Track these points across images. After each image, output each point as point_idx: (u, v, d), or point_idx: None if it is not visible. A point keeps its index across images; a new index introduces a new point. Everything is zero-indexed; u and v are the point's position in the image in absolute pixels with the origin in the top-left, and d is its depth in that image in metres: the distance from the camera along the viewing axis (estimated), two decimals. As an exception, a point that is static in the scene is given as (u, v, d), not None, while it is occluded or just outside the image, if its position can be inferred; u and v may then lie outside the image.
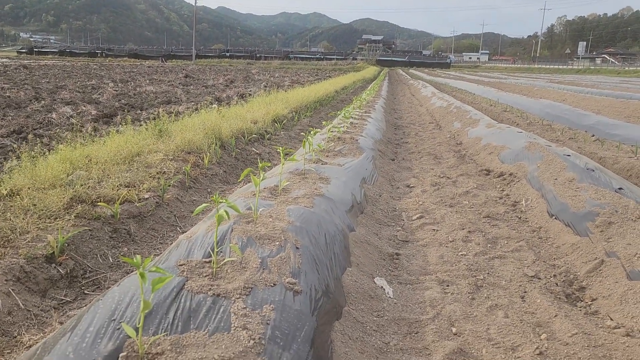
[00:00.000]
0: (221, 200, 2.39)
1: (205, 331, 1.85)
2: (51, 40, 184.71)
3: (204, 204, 2.42)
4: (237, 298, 2.09)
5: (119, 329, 1.77)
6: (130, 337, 1.69)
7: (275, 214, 3.17)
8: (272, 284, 2.27)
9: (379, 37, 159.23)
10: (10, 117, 9.47)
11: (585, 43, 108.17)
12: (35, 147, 4.90)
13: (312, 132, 4.97)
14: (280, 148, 3.84)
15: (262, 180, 3.14)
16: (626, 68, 71.47)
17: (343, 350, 2.28)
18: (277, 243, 2.70)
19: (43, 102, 12.34)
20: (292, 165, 4.69)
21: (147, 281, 1.59)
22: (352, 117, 8.86)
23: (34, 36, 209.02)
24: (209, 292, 2.09)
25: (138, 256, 1.64)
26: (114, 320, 1.83)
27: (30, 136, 7.64)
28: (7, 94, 13.30)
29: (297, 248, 2.74)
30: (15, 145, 6.69)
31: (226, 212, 2.32)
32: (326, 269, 2.79)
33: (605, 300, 2.95)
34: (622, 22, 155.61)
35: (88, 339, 1.70)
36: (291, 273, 2.44)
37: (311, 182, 4.19)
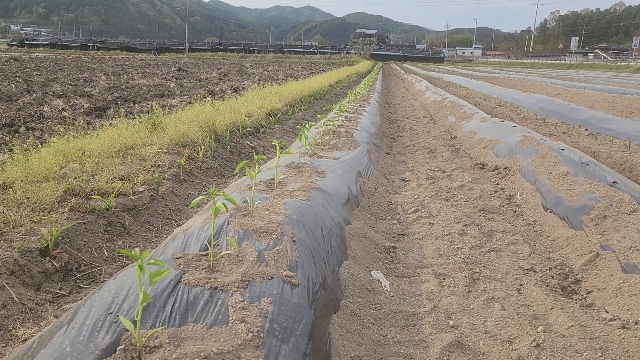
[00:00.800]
0: (218, 193, 2.37)
1: (203, 324, 1.84)
2: (42, 33, 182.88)
3: (200, 197, 2.40)
4: (235, 291, 2.08)
5: (116, 322, 1.75)
6: (127, 330, 1.68)
7: (271, 207, 3.15)
8: (269, 277, 2.26)
9: (373, 31, 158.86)
10: (1, 110, 9.38)
11: (577, 38, 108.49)
12: (28, 140, 4.84)
13: (307, 126, 4.95)
14: (277, 141, 3.83)
15: (257, 173, 3.12)
16: (618, 63, 71.80)
17: (341, 343, 2.28)
18: (274, 236, 2.69)
19: (35, 95, 12.22)
20: (287, 158, 4.68)
21: (146, 274, 1.57)
22: (346, 110, 8.84)
23: (24, 28, 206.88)
24: (206, 285, 2.08)
25: (136, 249, 1.62)
26: (110, 313, 1.81)
27: (22, 129, 7.56)
28: (-2, 87, 13.15)
29: (294, 241, 2.73)
30: (6, 138, 6.62)
31: (224, 204, 2.30)
32: (323, 262, 2.78)
33: (600, 292, 2.97)
34: (614, 17, 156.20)
35: (85, 332, 1.68)
36: (288, 266, 2.43)
37: (307, 175, 4.17)
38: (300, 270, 2.45)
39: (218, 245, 2.48)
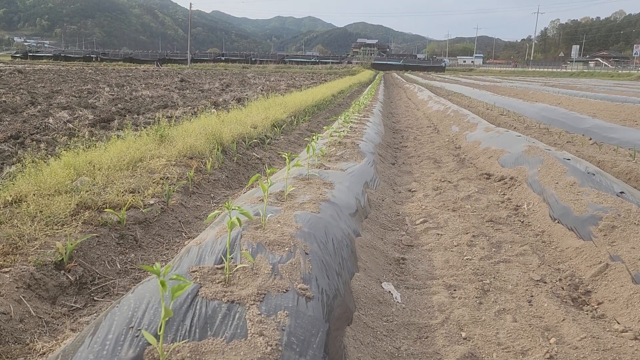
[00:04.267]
0: (234, 208, 2.40)
1: (223, 338, 1.86)
2: (45, 45, 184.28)
3: (216, 211, 2.44)
4: (252, 304, 2.10)
5: (137, 336, 1.77)
6: (150, 344, 1.70)
7: (282, 219, 3.18)
8: (284, 290, 2.29)
9: (374, 41, 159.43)
10: (6, 122, 9.44)
11: (578, 46, 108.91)
12: (39, 153, 4.88)
13: (314, 138, 4.99)
14: (286, 154, 3.86)
15: (270, 186, 3.15)
16: (619, 71, 71.97)
17: (356, 356, 2.30)
18: (287, 249, 2.71)
19: (39, 106, 12.30)
20: (295, 170, 4.71)
21: (168, 289, 1.60)
22: (351, 121, 8.89)
23: (28, 40, 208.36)
24: (223, 299, 2.10)
25: (157, 264, 1.65)
26: (131, 327, 1.84)
27: (27, 141, 7.62)
28: (3, 99, 13.25)
29: (307, 254, 2.75)
30: (13, 151, 6.67)
31: (238, 218, 2.33)
32: (335, 274, 2.80)
33: (611, 303, 2.98)
34: (614, 25, 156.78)
35: (108, 346, 1.71)
36: (302, 279, 2.46)
37: (316, 187, 4.20)
38: (314, 283, 2.48)
39: (233, 258, 2.50)
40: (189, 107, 13.03)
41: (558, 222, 4.27)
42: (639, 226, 3.63)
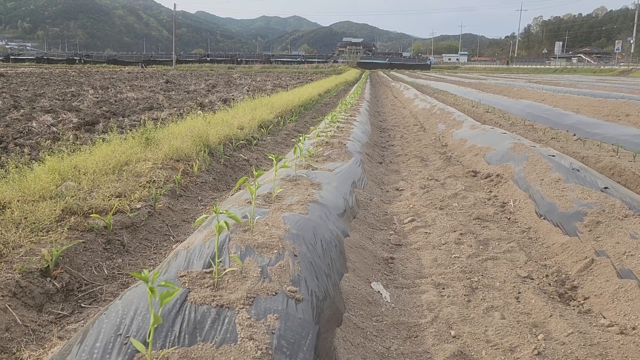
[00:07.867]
0: (222, 211, 2.39)
1: (212, 343, 1.85)
2: (28, 47, 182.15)
3: (203, 215, 2.42)
4: (241, 308, 2.09)
5: (126, 343, 1.76)
6: (139, 352, 1.69)
7: (271, 221, 3.18)
8: (273, 293, 2.28)
9: (359, 40, 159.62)
10: (-10, 127, 9.29)
11: (561, 43, 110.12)
12: (22, 157, 4.82)
13: (301, 139, 4.99)
14: (273, 155, 3.85)
15: (257, 188, 3.14)
16: (601, 67, 72.97)
17: (346, 357, 2.30)
18: (276, 251, 2.71)
19: (22, 110, 12.14)
20: (282, 171, 4.70)
21: (157, 296, 1.59)
22: (338, 121, 8.90)
23: (9, 43, 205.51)
24: (212, 303, 2.09)
25: (146, 270, 1.63)
26: (120, 334, 1.82)
27: (10, 146, 7.52)
28: (-14, 103, 13.05)
29: (296, 256, 2.75)
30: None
31: (226, 222, 2.33)
32: (325, 276, 2.80)
33: (597, 298, 3.02)
34: (596, 22, 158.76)
35: (96, 355, 1.69)
36: (291, 281, 2.46)
37: (303, 188, 4.20)
38: (304, 285, 2.48)
39: (221, 262, 2.49)
40: (175, 109, 12.95)
41: (544, 218, 4.31)
42: (623, 221, 3.68)
